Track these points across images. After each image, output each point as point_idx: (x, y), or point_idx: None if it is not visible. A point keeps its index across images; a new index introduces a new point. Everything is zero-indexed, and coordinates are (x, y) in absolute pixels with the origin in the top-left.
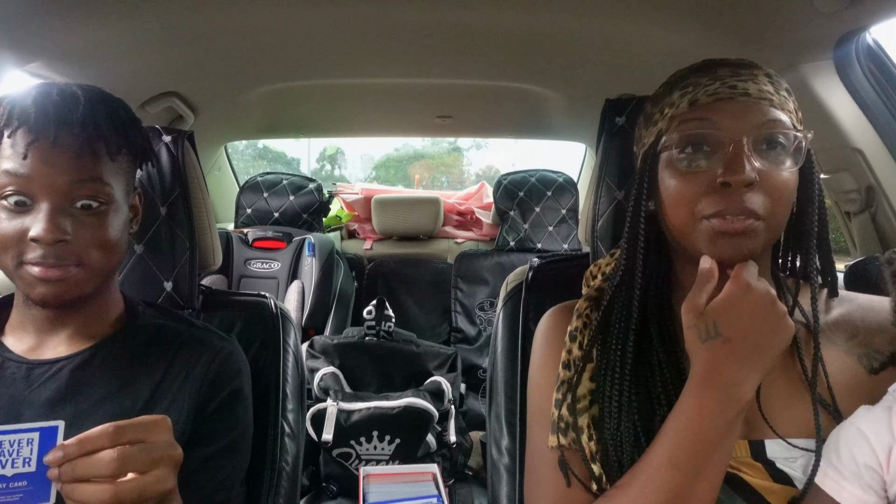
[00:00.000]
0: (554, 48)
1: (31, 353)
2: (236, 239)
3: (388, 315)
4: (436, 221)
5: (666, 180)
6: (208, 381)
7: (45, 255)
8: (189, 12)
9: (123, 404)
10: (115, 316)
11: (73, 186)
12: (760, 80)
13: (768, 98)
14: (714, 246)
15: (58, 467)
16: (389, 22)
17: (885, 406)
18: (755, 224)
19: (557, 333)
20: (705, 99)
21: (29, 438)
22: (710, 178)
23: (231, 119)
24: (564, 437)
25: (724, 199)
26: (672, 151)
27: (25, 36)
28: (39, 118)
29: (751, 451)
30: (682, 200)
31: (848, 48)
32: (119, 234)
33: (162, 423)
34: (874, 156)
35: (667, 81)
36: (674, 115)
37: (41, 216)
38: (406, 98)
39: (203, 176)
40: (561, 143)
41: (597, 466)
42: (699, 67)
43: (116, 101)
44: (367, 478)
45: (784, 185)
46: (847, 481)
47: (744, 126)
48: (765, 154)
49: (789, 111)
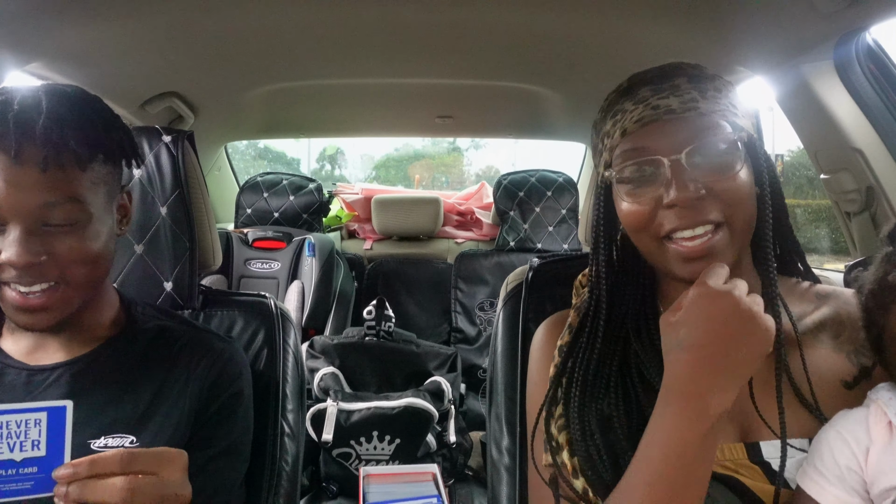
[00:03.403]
0: (554, 48)
1: (29, 357)
2: (236, 239)
3: (388, 315)
4: (436, 221)
5: (622, 208)
6: (209, 383)
7: (21, 276)
8: (189, 12)
9: (125, 409)
10: (112, 317)
11: (44, 209)
12: (683, 88)
13: (693, 107)
14: (685, 269)
15: (66, 485)
16: (389, 22)
17: (863, 408)
18: (716, 238)
19: (551, 347)
20: (632, 127)
21: (36, 419)
22: (659, 199)
23: (231, 119)
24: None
25: (678, 215)
26: (621, 182)
27: (25, 36)
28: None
29: (748, 454)
30: (639, 225)
31: (848, 48)
32: (103, 245)
33: (178, 458)
34: (874, 156)
35: (602, 107)
36: (612, 147)
37: (10, 239)
38: (406, 98)
39: (203, 176)
40: (561, 143)
41: (580, 482)
42: (624, 90)
43: (88, 100)
44: (367, 478)
45: (737, 187)
46: (830, 484)
47: (675, 144)
48: (706, 164)
49: (722, 111)
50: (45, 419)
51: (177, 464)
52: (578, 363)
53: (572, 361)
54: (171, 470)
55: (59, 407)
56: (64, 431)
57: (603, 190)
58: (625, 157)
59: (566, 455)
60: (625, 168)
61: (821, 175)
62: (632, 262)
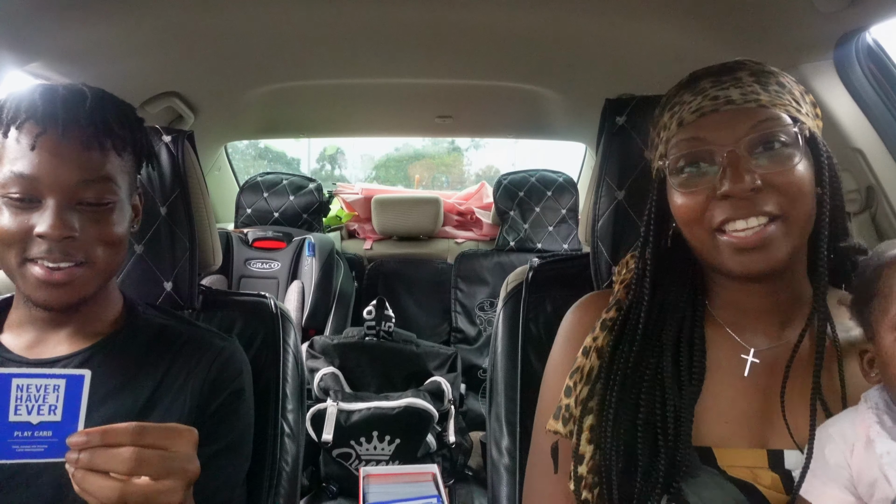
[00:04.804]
0: (554, 48)
1: (30, 352)
2: (236, 239)
3: (388, 315)
4: (436, 221)
5: (674, 201)
6: (210, 381)
7: (50, 251)
8: (189, 12)
9: (125, 403)
10: (114, 315)
11: (79, 186)
12: (745, 81)
13: (754, 99)
14: (736, 262)
15: (77, 452)
16: (389, 22)
17: (855, 408)
18: (770, 229)
19: (582, 330)
20: (690, 118)
21: (55, 385)
22: (713, 190)
23: (231, 119)
24: (564, 427)
25: (731, 206)
26: (674, 174)
27: (25, 36)
28: (48, 110)
29: (768, 461)
30: (692, 217)
31: (848, 48)
32: (124, 232)
33: (187, 434)
34: (874, 156)
35: (661, 102)
36: (668, 139)
37: (48, 213)
38: (406, 98)
39: (203, 176)
40: (561, 143)
41: (584, 467)
42: (685, 83)
43: (122, 101)
44: (367, 478)
45: (796, 181)
46: (826, 485)
47: (733, 135)
48: (765, 155)
49: (784, 104)
50: (64, 386)
51: (186, 439)
52: (620, 360)
53: (616, 359)
54: (180, 444)
55: (77, 375)
56: (80, 400)
57: (657, 183)
58: (680, 147)
59: (585, 438)
60: (680, 159)
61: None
62: (682, 258)
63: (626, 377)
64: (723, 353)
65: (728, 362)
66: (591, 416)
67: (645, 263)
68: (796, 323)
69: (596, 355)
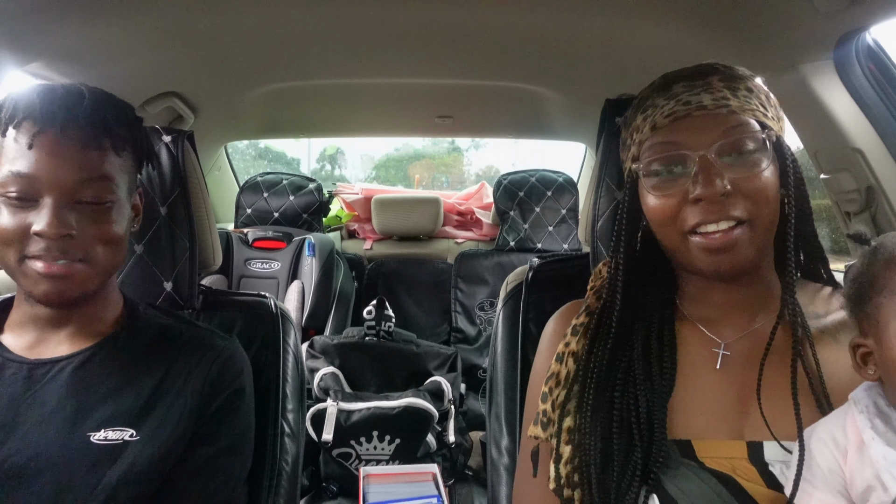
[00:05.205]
0: (554, 48)
1: (30, 352)
2: (236, 239)
3: (388, 315)
4: (436, 221)
5: (647, 203)
6: (210, 380)
7: (48, 249)
8: (189, 12)
9: (125, 402)
10: (115, 315)
11: (78, 185)
12: (715, 86)
13: (724, 105)
14: (705, 262)
15: None
16: (389, 22)
17: (843, 409)
18: (737, 232)
19: (558, 336)
20: (663, 121)
21: None
22: (685, 193)
23: (231, 119)
24: (544, 431)
25: (703, 210)
26: (647, 176)
27: (25, 36)
28: (46, 109)
29: (748, 453)
30: (665, 219)
31: (848, 48)
32: (123, 231)
33: None
34: (874, 156)
35: (633, 103)
36: (641, 141)
37: (45, 211)
38: (406, 98)
39: (203, 176)
40: (561, 143)
41: (564, 467)
42: (658, 86)
43: (120, 101)
44: (367, 478)
45: (762, 186)
46: (817, 489)
47: (704, 140)
48: (734, 160)
49: (752, 109)
50: None
51: None
52: (594, 361)
53: (592, 359)
54: None
55: None
56: None
57: (629, 184)
58: (653, 150)
59: (564, 438)
60: (653, 162)
61: (821, 175)
62: (653, 259)
63: (600, 377)
64: (695, 347)
65: (700, 356)
66: (569, 418)
67: (618, 263)
68: (765, 315)
69: (572, 360)
